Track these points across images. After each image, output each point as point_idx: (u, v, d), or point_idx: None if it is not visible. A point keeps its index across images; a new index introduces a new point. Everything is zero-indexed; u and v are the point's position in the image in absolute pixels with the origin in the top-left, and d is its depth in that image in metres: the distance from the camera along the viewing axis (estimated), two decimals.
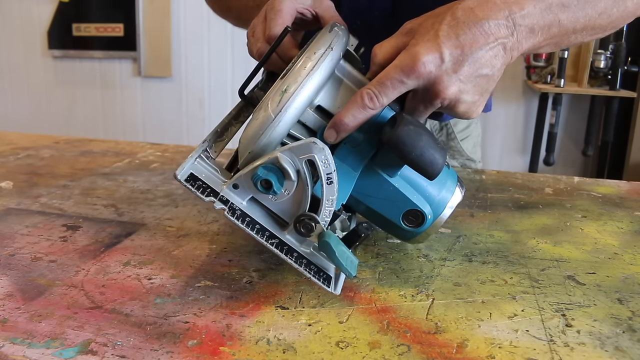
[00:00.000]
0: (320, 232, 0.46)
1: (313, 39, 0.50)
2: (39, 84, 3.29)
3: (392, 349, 0.40)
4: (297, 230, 0.46)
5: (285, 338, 0.41)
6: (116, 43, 3.09)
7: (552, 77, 2.47)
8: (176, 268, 0.53)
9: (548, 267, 0.54)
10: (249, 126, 0.46)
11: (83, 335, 0.41)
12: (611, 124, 2.47)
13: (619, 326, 0.44)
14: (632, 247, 0.60)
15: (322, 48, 0.47)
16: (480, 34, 0.46)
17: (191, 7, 2.98)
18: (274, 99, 0.45)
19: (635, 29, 2.47)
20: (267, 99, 0.46)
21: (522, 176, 0.88)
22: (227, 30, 2.90)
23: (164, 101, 3.12)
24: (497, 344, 0.41)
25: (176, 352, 0.39)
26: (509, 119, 2.79)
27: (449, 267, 0.54)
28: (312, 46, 0.47)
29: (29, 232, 0.61)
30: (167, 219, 0.66)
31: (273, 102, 0.45)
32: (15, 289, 0.48)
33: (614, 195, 0.79)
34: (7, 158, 0.94)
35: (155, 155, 0.97)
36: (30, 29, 3.20)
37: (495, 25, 0.46)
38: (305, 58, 0.46)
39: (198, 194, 0.47)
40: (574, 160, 2.78)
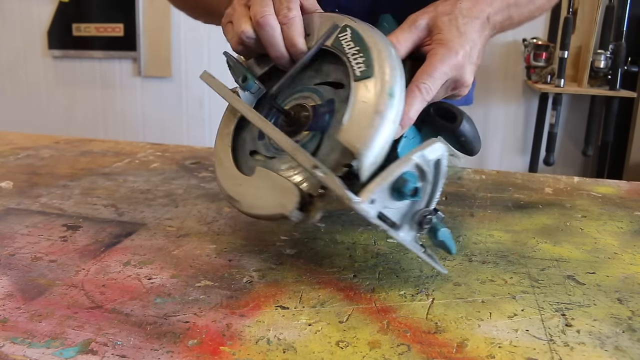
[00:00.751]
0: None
1: (360, 36, 0.50)
2: (39, 84, 3.29)
3: (392, 348, 0.40)
4: (420, 227, 0.48)
5: (286, 338, 0.41)
6: (116, 43, 3.09)
7: (552, 77, 2.47)
8: (176, 268, 0.53)
9: (548, 267, 0.54)
10: (365, 134, 0.44)
11: (83, 335, 0.41)
12: (611, 124, 2.47)
13: (619, 326, 0.44)
14: (632, 247, 0.60)
15: (390, 45, 0.50)
16: (477, 31, 0.55)
17: None
18: (386, 103, 0.45)
19: (635, 29, 2.47)
20: (370, 104, 0.45)
21: (522, 176, 0.88)
22: None
23: (164, 101, 3.12)
24: (497, 344, 0.41)
25: (176, 351, 0.39)
26: (509, 119, 2.79)
27: (449, 267, 0.54)
28: (381, 43, 0.49)
29: (29, 232, 0.61)
30: (167, 219, 0.66)
31: (387, 107, 0.45)
32: (15, 289, 0.48)
33: (614, 195, 0.79)
34: (7, 158, 0.94)
35: (155, 155, 0.97)
36: (30, 29, 3.20)
37: (482, 24, 0.56)
38: (385, 58, 0.47)
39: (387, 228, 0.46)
40: (574, 160, 2.78)
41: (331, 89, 0.53)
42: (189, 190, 0.77)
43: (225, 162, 0.55)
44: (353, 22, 0.52)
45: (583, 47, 2.44)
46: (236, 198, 0.52)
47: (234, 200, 0.52)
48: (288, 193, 0.48)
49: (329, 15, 0.54)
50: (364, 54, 0.48)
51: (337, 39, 0.51)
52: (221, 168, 0.55)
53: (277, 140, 0.48)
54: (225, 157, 0.55)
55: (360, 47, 0.49)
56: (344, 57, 0.50)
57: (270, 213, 0.49)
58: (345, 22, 0.52)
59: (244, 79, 0.55)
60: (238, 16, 0.54)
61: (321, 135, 0.50)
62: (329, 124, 0.50)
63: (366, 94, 0.46)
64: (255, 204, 0.50)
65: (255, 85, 0.55)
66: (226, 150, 0.55)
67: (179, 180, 0.82)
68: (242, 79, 0.55)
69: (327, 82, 0.53)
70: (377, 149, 0.45)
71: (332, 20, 0.53)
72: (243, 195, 0.51)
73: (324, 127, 0.50)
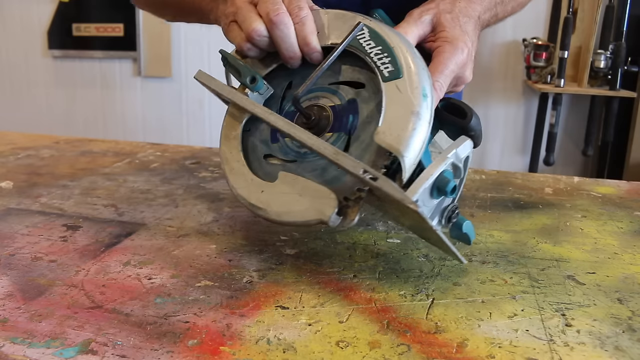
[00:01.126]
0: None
1: (379, 35, 0.50)
2: (39, 84, 3.28)
3: (392, 348, 0.40)
4: (449, 221, 0.49)
5: (286, 338, 0.41)
6: (116, 43, 3.09)
7: (552, 77, 2.47)
8: (176, 268, 0.53)
9: (548, 267, 0.54)
10: (405, 136, 0.44)
11: (83, 335, 0.41)
12: (611, 124, 2.47)
13: (619, 326, 0.44)
14: (632, 247, 0.60)
15: (409, 43, 0.50)
16: (473, 29, 0.57)
17: None
18: (422, 104, 0.45)
19: (635, 29, 2.47)
20: (406, 105, 0.45)
21: (522, 176, 0.88)
22: None
23: (164, 101, 3.12)
24: (497, 344, 0.41)
25: (176, 351, 0.39)
26: (509, 119, 2.79)
27: (449, 266, 0.54)
28: (402, 42, 0.49)
29: (29, 232, 0.61)
30: (167, 219, 0.66)
31: (423, 108, 0.45)
32: (15, 289, 0.48)
33: (614, 195, 0.79)
34: (7, 158, 0.94)
35: (155, 155, 0.97)
36: (30, 29, 3.20)
37: (475, 22, 0.59)
38: (411, 57, 0.48)
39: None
40: (574, 160, 2.78)
41: (349, 89, 0.52)
42: (189, 190, 0.77)
43: (238, 169, 0.52)
44: (367, 20, 0.51)
45: (583, 47, 2.44)
46: (260, 206, 0.49)
47: (257, 208, 0.49)
48: (324, 198, 0.46)
49: (336, 13, 0.53)
50: (389, 54, 0.48)
51: (355, 39, 0.50)
52: (235, 175, 0.52)
53: (313, 145, 0.46)
54: (237, 163, 0.52)
55: (383, 47, 0.49)
56: (366, 57, 0.49)
57: (305, 220, 0.47)
58: (357, 19, 0.51)
59: (252, 80, 0.53)
60: (245, 14, 0.52)
61: (347, 137, 0.49)
62: (355, 125, 0.50)
63: (399, 95, 0.46)
64: (285, 211, 0.48)
65: (265, 86, 0.54)
66: (237, 155, 0.53)
67: (179, 180, 0.82)
68: (251, 79, 0.53)
69: (344, 81, 0.52)
70: (417, 150, 0.45)
71: (341, 17, 0.52)
72: (269, 203, 0.49)
73: (349, 128, 0.50)
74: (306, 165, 0.50)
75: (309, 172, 0.50)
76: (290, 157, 0.52)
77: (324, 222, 0.46)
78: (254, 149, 0.54)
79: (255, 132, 0.55)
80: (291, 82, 0.55)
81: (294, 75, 0.55)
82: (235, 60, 0.54)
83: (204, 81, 0.54)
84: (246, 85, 0.53)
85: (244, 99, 0.52)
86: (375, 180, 0.43)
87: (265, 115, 0.50)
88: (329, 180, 0.49)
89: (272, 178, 0.50)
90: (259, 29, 0.51)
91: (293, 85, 0.55)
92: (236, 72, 0.54)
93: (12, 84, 3.33)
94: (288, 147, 0.52)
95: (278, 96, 0.55)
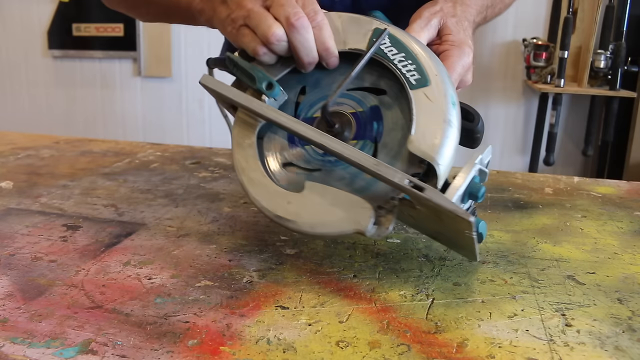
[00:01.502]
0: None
1: (400, 41, 0.50)
2: (39, 84, 3.29)
3: (392, 348, 0.40)
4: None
5: (286, 338, 0.41)
6: (116, 43, 3.09)
7: (552, 77, 2.47)
8: (176, 268, 0.53)
9: (548, 267, 0.54)
10: (438, 144, 0.45)
11: (83, 335, 0.41)
12: (611, 124, 2.46)
13: (619, 326, 0.44)
14: (632, 247, 0.60)
15: (429, 50, 0.51)
16: (470, 33, 0.59)
17: None
18: (452, 112, 0.46)
19: (635, 29, 2.47)
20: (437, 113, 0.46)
21: (522, 176, 0.88)
22: None
23: (164, 101, 3.12)
24: (497, 344, 0.41)
25: (176, 351, 0.39)
26: (509, 119, 2.79)
27: (449, 267, 0.54)
28: (422, 48, 0.50)
29: (29, 232, 0.61)
30: (167, 219, 0.66)
31: (453, 116, 0.46)
32: (15, 289, 0.48)
33: (614, 195, 0.79)
34: (7, 158, 0.94)
35: (155, 155, 0.97)
36: (30, 29, 3.20)
37: (471, 26, 0.60)
38: (435, 64, 0.48)
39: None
40: (574, 160, 2.78)
41: (370, 95, 0.51)
42: (189, 190, 0.77)
43: (258, 179, 0.50)
44: (385, 24, 0.51)
45: (583, 47, 2.44)
46: (290, 218, 0.48)
47: (286, 220, 0.48)
48: (359, 207, 0.46)
49: (350, 17, 0.52)
50: (413, 61, 0.49)
51: (373, 44, 0.50)
52: (255, 187, 0.50)
53: (351, 156, 0.45)
54: (256, 173, 0.50)
55: (406, 54, 0.49)
56: (390, 64, 0.49)
57: (340, 231, 0.46)
58: (374, 24, 0.51)
59: (268, 86, 0.51)
60: (260, 18, 0.50)
61: (373, 144, 0.49)
62: (380, 132, 0.49)
63: (429, 103, 0.47)
64: (318, 223, 0.47)
65: (281, 92, 0.51)
66: (254, 164, 0.50)
67: (179, 180, 0.82)
68: (267, 85, 0.51)
69: (363, 87, 0.52)
70: (450, 157, 0.46)
71: (355, 21, 0.51)
72: (299, 215, 0.47)
73: (374, 136, 0.49)
74: (333, 173, 0.49)
75: (336, 181, 0.49)
76: (314, 166, 0.51)
77: (361, 233, 0.46)
78: (272, 157, 0.52)
79: (268, 140, 0.53)
80: (304, 87, 0.54)
81: (306, 79, 0.53)
82: (247, 65, 0.51)
83: (210, 86, 0.52)
84: (262, 92, 0.51)
85: (265, 107, 0.49)
86: (422, 191, 0.43)
87: (292, 124, 0.48)
88: (359, 189, 0.48)
89: (296, 188, 0.49)
90: (278, 33, 0.49)
91: (307, 90, 0.53)
92: (248, 78, 0.51)
93: (12, 84, 3.33)
94: (310, 155, 0.51)
95: (291, 101, 0.53)
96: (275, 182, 0.50)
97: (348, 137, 0.50)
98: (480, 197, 0.47)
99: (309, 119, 0.52)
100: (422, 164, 0.47)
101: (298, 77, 0.53)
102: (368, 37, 0.50)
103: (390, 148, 0.49)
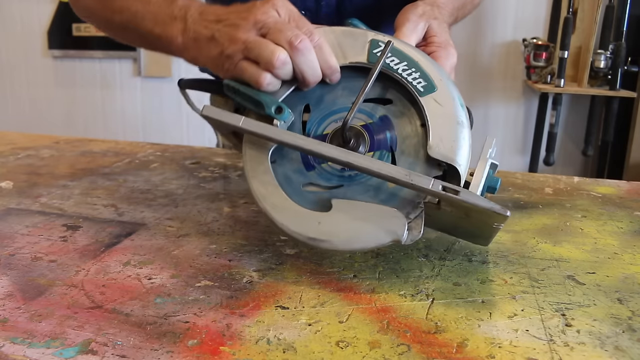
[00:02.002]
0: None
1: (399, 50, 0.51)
2: (39, 84, 3.28)
3: (392, 348, 0.40)
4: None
5: (285, 338, 0.41)
6: (116, 43, 3.05)
7: (552, 77, 2.47)
8: (176, 268, 0.53)
9: (548, 267, 0.54)
10: (456, 146, 0.48)
11: (83, 335, 0.41)
12: (611, 124, 2.46)
13: (619, 326, 0.44)
14: (632, 247, 0.60)
15: (427, 56, 0.52)
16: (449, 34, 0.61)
17: None
18: (463, 113, 0.49)
19: (635, 29, 2.47)
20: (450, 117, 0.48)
21: (522, 176, 0.88)
22: None
23: (164, 101, 3.12)
24: (497, 344, 0.41)
25: (176, 351, 0.39)
26: (509, 119, 2.79)
27: (449, 267, 0.54)
28: (420, 54, 0.51)
29: (29, 232, 0.61)
30: (167, 219, 0.66)
31: (464, 117, 0.48)
32: (15, 289, 0.48)
33: (614, 195, 0.79)
34: (7, 158, 0.94)
35: (155, 155, 0.97)
36: (30, 29, 3.20)
37: (448, 26, 0.62)
38: (436, 69, 0.50)
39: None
40: (574, 160, 2.78)
41: (377, 106, 0.52)
42: (189, 190, 0.77)
43: (282, 204, 0.49)
44: (380, 35, 0.51)
45: (583, 47, 2.44)
46: (323, 238, 0.48)
47: (320, 241, 0.48)
48: (391, 218, 0.47)
49: (343, 30, 0.52)
50: (417, 69, 0.50)
51: (373, 55, 0.50)
52: (280, 212, 0.49)
53: (381, 170, 0.46)
54: (278, 199, 0.49)
55: (408, 62, 0.50)
56: (395, 74, 0.50)
57: (377, 244, 0.47)
58: (369, 35, 0.51)
59: (278, 110, 0.50)
60: (261, 46, 0.49)
61: (390, 154, 0.50)
62: (394, 141, 0.50)
63: (440, 107, 0.49)
64: (354, 238, 0.47)
65: (290, 113, 0.51)
66: (274, 190, 0.50)
67: (179, 180, 0.82)
68: (276, 109, 0.50)
69: (370, 99, 0.52)
70: (467, 156, 0.48)
71: (350, 35, 0.52)
72: (332, 234, 0.47)
73: (389, 145, 0.50)
74: (356, 188, 0.50)
75: (361, 195, 0.49)
76: (335, 183, 0.50)
77: (396, 241, 0.47)
78: (288, 180, 0.51)
79: (284, 162, 0.52)
80: (307, 104, 0.53)
81: (308, 98, 0.53)
82: (252, 91, 0.50)
83: (215, 117, 0.50)
84: (272, 116, 0.50)
85: (282, 132, 0.49)
86: (458, 194, 0.44)
87: (314, 146, 0.48)
88: (384, 199, 0.49)
89: (321, 207, 0.49)
90: (282, 56, 0.48)
91: (311, 108, 0.53)
92: (254, 104, 0.51)
93: (12, 84, 3.33)
94: (328, 173, 0.51)
95: (297, 121, 0.52)
96: (299, 204, 0.49)
97: (364, 151, 0.51)
98: (497, 189, 0.50)
99: (320, 136, 0.52)
100: (440, 165, 0.49)
101: (299, 95, 0.52)
102: (367, 49, 0.51)
103: (408, 154, 0.50)
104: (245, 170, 0.51)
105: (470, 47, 2.70)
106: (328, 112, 0.52)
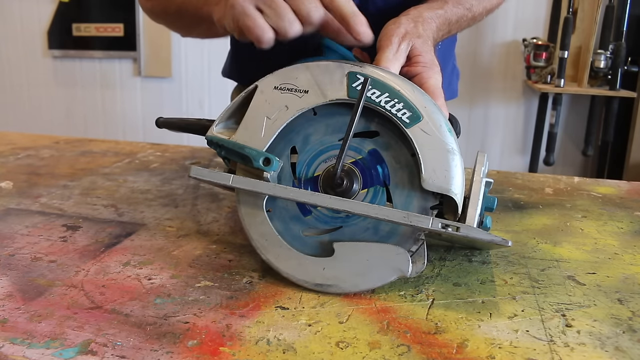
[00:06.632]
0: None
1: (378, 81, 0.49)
2: (39, 84, 3.29)
3: (392, 349, 0.40)
4: (480, 225, 0.51)
5: (285, 338, 0.41)
6: (116, 43, 3.09)
7: (552, 77, 2.47)
8: (176, 268, 0.53)
9: (548, 267, 0.54)
10: (450, 175, 0.47)
11: (83, 336, 0.41)
12: (611, 124, 2.47)
13: (619, 326, 0.44)
14: (632, 247, 0.60)
15: (407, 80, 0.50)
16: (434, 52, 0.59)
17: None
18: (452, 140, 0.47)
19: (635, 29, 2.47)
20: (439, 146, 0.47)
21: (522, 176, 0.88)
22: None
23: (164, 101, 3.12)
24: (497, 344, 0.41)
25: (176, 352, 0.39)
26: (509, 119, 2.79)
27: (449, 267, 0.54)
28: (401, 81, 0.49)
29: (29, 232, 0.61)
30: (167, 219, 0.66)
31: (453, 143, 0.47)
32: (15, 289, 0.48)
33: (614, 195, 0.79)
34: (7, 158, 0.94)
35: (155, 155, 0.97)
36: (30, 29, 3.20)
37: (433, 42, 0.60)
38: (418, 96, 0.48)
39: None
40: (574, 160, 2.78)
41: (364, 140, 0.50)
42: (189, 190, 0.77)
43: (284, 253, 0.50)
44: (357, 67, 0.49)
45: (583, 47, 2.44)
46: (330, 283, 0.48)
47: (327, 286, 0.48)
48: (394, 255, 0.47)
49: (318, 66, 0.49)
50: (399, 99, 0.47)
51: (353, 90, 0.48)
52: (284, 261, 0.50)
53: (378, 214, 0.46)
54: (280, 249, 0.50)
55: (390, 93, 0.48)
56: (377, 107, 0.48)
57: (383, 282, 0.48)
58: (345, 68, 0.49)
59: (266, 162, 0.49)
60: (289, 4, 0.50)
61: (384, 189, 0.49)
62: (387, 175, 0.49)
63: (428, 137, 0.47)
64: (360, 280, 0.48)
65: (279, 162, 0.50)
66: (275, 239, 0.50)
67: (179, 180, 0.82)
68: (264, 161, 0.49)
69: (355, 134, 0.50)
70: (462, 183, 0.47)
71: (325, 70, 0.49)
72: (338, 278, 0.48)
73: (382, 180, 0.49)
74: (354, 228, 0.49)
75: (361, 234, 0.49)
76: (333, 225, 0.50)
77: (403, 277, 0.48)
78: (287, 228, 0.51)
79: (278, 210, 0.51)
80: (294, 146, 0.52)
81: (293, 140, 0.51)
82: (237, 145, 0.50)
83: (205, 178, 0.50)
84: (261, 169, 0.49)
85: (273, 186, 0.49)
86: (458, 230, 0.45)
87: (308, 197, 0.48)
88: (384, 235, 0.49)
89: (323, 251, 0.49)
90: (317, 9, 0.51)
91: (298, 149, 0.51)
92: (240, 158, 0.50)
93: (12, 84, 3.33)
94: (325, 216, 0.50)
95: (286, 164, 0.51)
96: (302, 251, 0.50)
97: (357, 189, 0.50)
98: (494, 208, 0.51)
99: (311, 179, 0.51)
100: (436, 195, 0.48)
101: (285, 139, 0.51)
102: (345, 84, 0.49)
103: (403, 186, 0.49)
104: (243, 223, 0.51)
105: (470, 47, 2.70)
106: (315, 152, 0.51)
